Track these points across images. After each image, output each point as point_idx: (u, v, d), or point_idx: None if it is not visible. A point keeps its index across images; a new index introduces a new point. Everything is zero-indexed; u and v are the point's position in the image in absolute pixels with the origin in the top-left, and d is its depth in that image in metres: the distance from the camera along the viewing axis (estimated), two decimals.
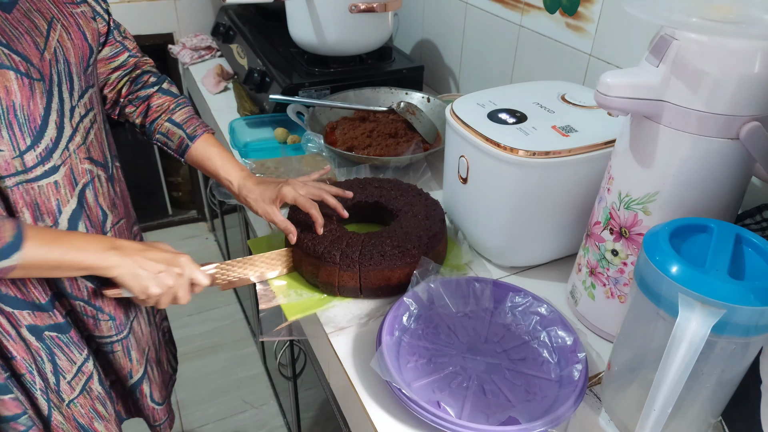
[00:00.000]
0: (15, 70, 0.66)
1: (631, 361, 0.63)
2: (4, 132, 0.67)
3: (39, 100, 0.70)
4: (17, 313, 0.77)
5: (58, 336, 0.82)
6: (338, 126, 1.26)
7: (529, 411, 0.67)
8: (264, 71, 1.40)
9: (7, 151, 0.68)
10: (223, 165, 0.90)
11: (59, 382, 0.84)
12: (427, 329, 0.78)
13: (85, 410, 0.89)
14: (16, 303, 0.77)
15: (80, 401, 0.88)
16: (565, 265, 0.92)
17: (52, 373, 0.83)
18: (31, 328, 0.79)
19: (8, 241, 0.65)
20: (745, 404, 0.59)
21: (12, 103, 0.67)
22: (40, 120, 0.71)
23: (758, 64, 0.56)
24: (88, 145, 0.78)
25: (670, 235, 0.57)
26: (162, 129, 0.90)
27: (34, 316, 0.79)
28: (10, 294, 0.76)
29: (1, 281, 0.75)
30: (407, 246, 0.83)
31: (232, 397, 1.83)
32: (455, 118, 0.88)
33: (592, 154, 0.80)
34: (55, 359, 0.82)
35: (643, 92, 0.61)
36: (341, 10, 1.30)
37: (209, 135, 0.91)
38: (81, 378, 0.87)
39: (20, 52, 0.67)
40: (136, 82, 0.91)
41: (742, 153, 0.61)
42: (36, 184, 0.72)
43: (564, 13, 1.09)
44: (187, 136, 0.90)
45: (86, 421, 0.90)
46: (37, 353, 0.80)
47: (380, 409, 0.69)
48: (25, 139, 0.70)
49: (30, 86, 0.68)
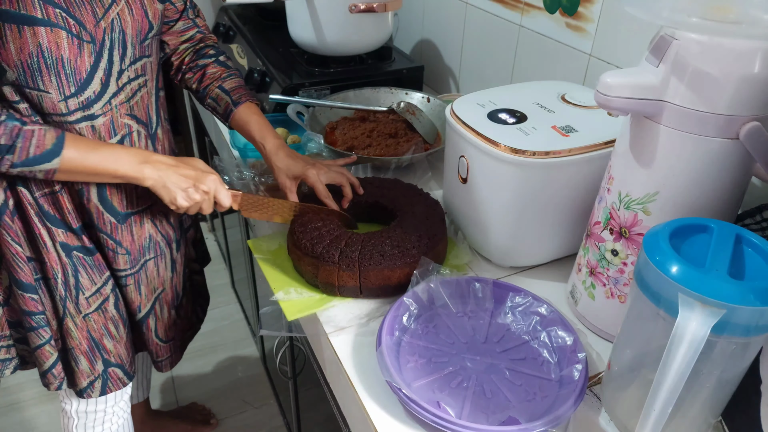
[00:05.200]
0: (67, 30, 0.79)
1: (631, 361, 0.63)
2: (53, 78, 0.80)
3: (87, 59, 0.82)
4: (54, 230, 0.91)
5: (84, 257, 0.95)
6: (338, 126, 1.26)
7: (529, 411, 0.67)
8: (264, 71, 1.40)
9: (54, 94, 0.82)
10: (259, 130, 0.98)
11: (78, 295, 0.97)
12: (427, 329, 0.78)
13: (98, 326, 1.01)
14: (55, 221, 0.91)
15: (94, 317, 1.00)
16: (565, 265, 0.92)
17: (73, 286, 0.96)
18: (63, 245, 0.93)
19: (49, 147, 0.79)
20: (745, 404, 0.59)
21: (61, 56, 0.79)
22: (86, 75, 0.83)
23: (758, 64, 0.56)
24: (132, 104, 0.91)
25: (670, 235, 0.57)
26: (212, 94, 1.02)
27: (66, 235, 0.93)
28: (51, 212, 0.90)
29: (45, 201, 0.89)
30: (407, 246, 0.83)
31: (232, 397, 1.83)
32: (455, 118, 0.88)
33: (592, 154, 0.80)
34: (78, 276, 0.95)
35: (643, 92, 0.61)
36: (341, 10, 1.30)
37: (252, 104, 1.02)
38: (98, 298, 0.99)
39: (76, 16, 0.79)
40: (198, 53, 1.05)
41: (742, 153, 0.61)
42: (75, 126, 0.85)
43: (564, 13, 1.09)
44: (232, 101, 1.00)
45: (97, 335, 1.01)
46: (64, 267, 0.94)
47: (380, 409, 0.69)
48: (71, 87, 0.82)
49: (79, 46, 0.81)
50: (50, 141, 0.79)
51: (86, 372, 1.02)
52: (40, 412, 1.76)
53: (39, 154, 0.79)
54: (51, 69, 0.79)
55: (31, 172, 0.80)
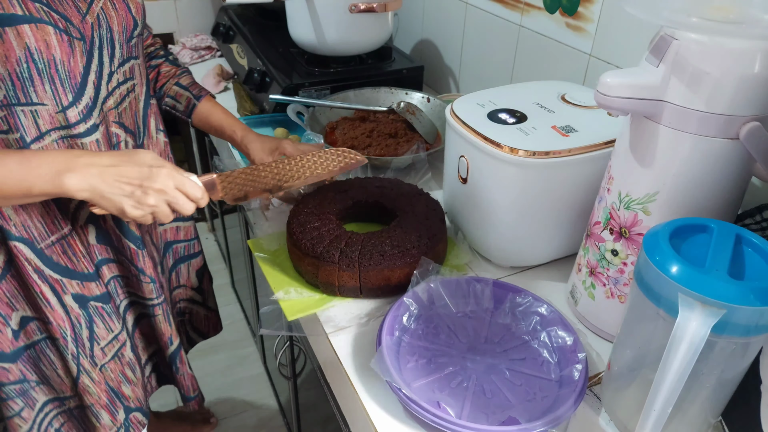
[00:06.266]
0: (53, 25, 0.70)
1: (631, 361, 0.63)
2: (47, 86, 0.71)
3: (79, 59, 0.74)
4: (65, 281, 0.83)
5: (103, 306, 0.89)
6: (338, 126, 1.26)
7: (529, 411, 0.67)
8: (264, 71, 1.40)
9: (51, 105, 0.72)
10: (226, 118, 0.99)
11: (93, 347, 0.90)
12: (427, 329, 0.78)
13: (114, 375, 0.95)
14: (66, 272, 0.82)
15: (111, 366, 0.94)
16: (565, 265, 0.92)
17: (87, 339, 0.89)
18: (77, 296, 0.85)
19: None
20: (745, 404, 0.59)
21: (53, 57, 0.70)
22: (80, 78, 0.75)
23: (758, 64, 0.56)
24: (120, 110, 0.83)
25: (670, 235, 0.57)
26: (171, 92, 1.01)
27: (82, 286, 0.85)
28: (60, 263, 0.81)
29: (52, 252, 0.80)
30: (407, 246, 0.83)
31: (232, 397, 1.83)
32: (455, 118, 0.88)
33: (592, 154, 0.80)
34: (92, 326, 0.89)
35: (643, 92, 0.61)
36: (341, 10, 1.30)
37: (211, 97, 1.03)
38: (115, 345, 0.93)
39: (59, 11, 0.71)
40: (149, 55, 1.03)
41: (742, 153, 0.61)
42: (80, 140, 0.76)
43: (564, 13, 1.09)
44: (193, 96, 1.01)
45: (115, 384, 0.96)
46: (77, 320, 0.86)
47: (380, 409, 0.69)
48: (67, 95, 0.74)
49: (70, 43, 0.72)
50: None
51: (108, 425, 0.96)
52: None
53: None
54: (44, 74, 0.70)
55: None
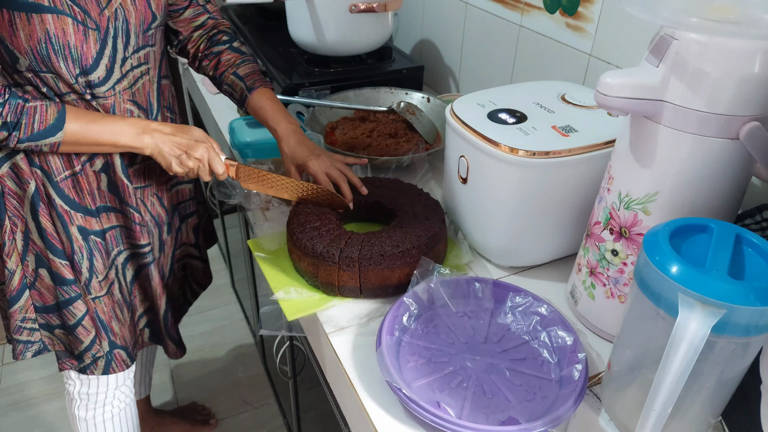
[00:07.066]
0: (72, 17, 0.83)
1: (631, 361, 0.63)
2: (61, 62, 0.85)
3: (92, 45, 0.87)
4: (72, 213, 0.96)
5: (100, 241, 1.00)
6: (338, 126, 1.26)
7: (529, 411, 0.67)
8: (264, 71, 1.39)
9: (66, 74, 0.86)
10: (273, 115, 1.01)
11: (91, 279, 1.01)
12: (427, 329, 0.78)
13: (107, 308, 1.05)
14: (74, 204, 0.96)
15: (105, 300, 1.04)
16: (565, 265, 0.92)
17: (87, 269, 1.00)
18: (80, 228, 0.97)
19: (51, 122, 0.84)
20: (745, 404, 0.59)
21: (67, 42, 0.84)
22: (92, 61, 0.87)
23: (758, 64, 0.56)
24: (134, 90, 0.95)
25: (670, 235, 0.57)
26: (228, 81, 1.06)
27: (84, 219, 0.97)
28: (70, 196, 0.95)
29: (65, 185, 0.94)
30: (407, 246, 0.83)
31: (232, 397, 1.83)
32: (455, 118, 0.88)
33: (592, 154, 0.80)
34: (92, 260, 1.00)
35: (643, 92, 0.61)
36: (341, 10, 1.30)
37: (266, 89, 1.05)
38: (107, 282, 1.04)
39: (80, 4, 0.84)
40: (211, 41, 1.07)
41: (742, 153, 0.61)
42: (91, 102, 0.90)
43: (564, 13, 1.09)
44: (246, 87, 1.04)
45: (106, 318, 1.05)
46: (79, 250, 0.98)
47: (380, 409, 0.69)
48: (77, 70, 0.87)
49: (84, 33, 0.85)
50: (52, 116, 0.84)
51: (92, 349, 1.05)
52: (44, 411, 1.77)
53: (43, 129, 0.84)
54: (59, 54, 0.84)
55: (36, 146, 0.85)
